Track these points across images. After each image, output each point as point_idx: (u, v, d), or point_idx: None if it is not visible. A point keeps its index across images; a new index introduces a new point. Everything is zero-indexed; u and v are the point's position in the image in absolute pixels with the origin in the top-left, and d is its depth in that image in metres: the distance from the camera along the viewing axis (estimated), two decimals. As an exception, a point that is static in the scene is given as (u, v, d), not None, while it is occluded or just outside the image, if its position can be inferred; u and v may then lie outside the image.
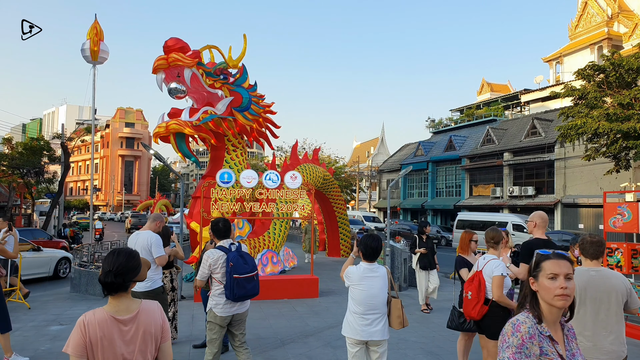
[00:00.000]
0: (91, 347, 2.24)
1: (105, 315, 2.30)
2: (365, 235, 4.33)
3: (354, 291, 4.19)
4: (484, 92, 58.24)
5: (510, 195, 33.83)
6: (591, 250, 3.75)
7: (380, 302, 4.16)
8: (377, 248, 4.20)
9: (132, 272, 2.39)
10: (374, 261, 4.24)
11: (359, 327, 4.11)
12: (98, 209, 72.18)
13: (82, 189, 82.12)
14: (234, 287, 4.47)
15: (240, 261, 4.58)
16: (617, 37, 39.16)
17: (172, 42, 10.36)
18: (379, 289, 4.16)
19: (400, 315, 4.22)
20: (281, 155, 48.14)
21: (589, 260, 3.78)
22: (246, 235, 11.91)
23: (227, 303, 4.58)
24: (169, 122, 10.49)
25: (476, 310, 4.50)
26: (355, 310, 4.16)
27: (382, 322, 4.17)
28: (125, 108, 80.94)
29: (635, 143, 18.35)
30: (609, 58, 20.08)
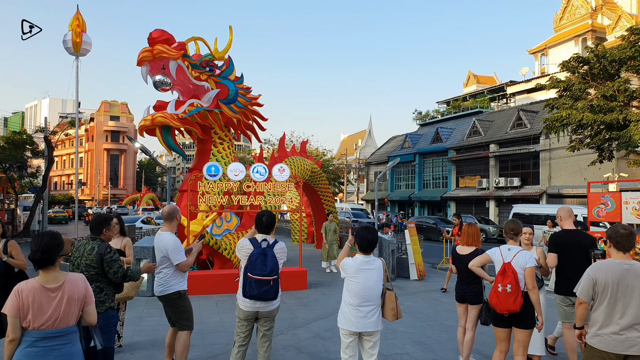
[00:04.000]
0: (24, 309, 2.96)
1: (36, 284, 3.04)
2: (361, 227, 4.31)
3: (350, 283, 4.18)
4: (470, 84, 58.55)
5: (496, 187, 34.14)
6: (626, 244, 3.69)
7: (375, 295, 4.18)
8: (373, 240, 4.21)
9: (56, 249, 3.12)
10: (369, 253, 4.24)
11: (354, 319, 4.14)
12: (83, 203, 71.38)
13: (67, 184, 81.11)
14: (246, 285, 4.37)
15: (260, 261, 4.35)
16: (601, 29, 39.55)
17: (156, 34, 10.20)
18: (375, 281, 4.17)
19: (395, 307, 4.25)
20: (268, 148, 48.03)
21: (621, 252, 3.71)
22: (234, 228, 11.87)
23: None
24: (154, 115, 10.38)
25: (518, 302, 4.47)
26: (350, 302, 4.17)
27: (377, 314, 4.20)
28: (110, 101, 79.87)
29: (618, 134, 18.59)
30: (593, 50, 20.27)
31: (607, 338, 3.57)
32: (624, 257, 3.68)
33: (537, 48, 46.47)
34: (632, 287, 3.56)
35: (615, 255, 3.72)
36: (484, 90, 52.62)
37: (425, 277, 12.68)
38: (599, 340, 3.62)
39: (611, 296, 3.58)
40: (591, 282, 3.66)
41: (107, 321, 4.35)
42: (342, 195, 54.17)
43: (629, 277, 3.57)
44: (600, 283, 3.62)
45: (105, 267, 4.27)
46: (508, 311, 4.50)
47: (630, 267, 3.60)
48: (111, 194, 74.83)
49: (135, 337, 6.75)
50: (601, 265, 3.71)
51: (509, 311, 4.49)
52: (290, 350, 6.27)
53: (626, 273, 3.58)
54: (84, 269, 4.28)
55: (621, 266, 3.62)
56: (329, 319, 7.97)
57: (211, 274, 10.19)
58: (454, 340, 6.66)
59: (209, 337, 6.80)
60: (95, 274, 4.28)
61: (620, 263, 3.64)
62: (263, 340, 4.62)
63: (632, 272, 3.58)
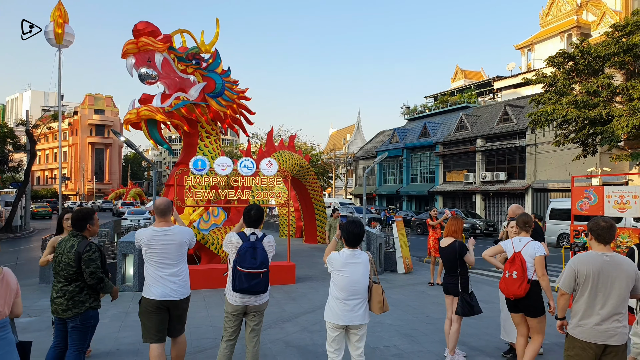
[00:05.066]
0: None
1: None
2: (348, 221, 4.29)
3: (337, 277, 4.18)
4: (457, 79, 58.78)
5: (483, 181, 34.39)
6: (607, 236, 3.76)
7: (362, 288, 4.19)
8: (360, 234, 4.20)
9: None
10: (356, 247, 4.24)
11: (340, 313, 4.14)
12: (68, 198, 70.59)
13: (51, 178, 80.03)
14: (235, 279, 4.32)
15: (249, 254, 4.31)
16: (586, 25, 39.91)
17: (142, 26, 10.06)
18: (361, 275, 4.18)
19: (381, 300, 4.27)
20: (256, 142, 47.87)
21: (602, 245, 3.78)
22: (221, 223, 11.83)
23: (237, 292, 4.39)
24: (140, 109, 10.26)
25: (522, 288, 4.77)
26: (337, 296, 4.17)
27: (363, 307, 4.20)
28: (94, 94, 78.81)
29: (602, 129, 18.85)
30: (578, 46, 20.49)
31: (588, 329, 3.65)
32: (605, 249, 3.76)
33: (524, 43, 46.76)
34: (612, 278, 3.63)
35: (596, 247, 3.80)
36: (471, 85, 52.87)
37: (413, 270, 12.76)
38: (580, 330, 3.70)
39: (592, 287, 3.66)
40: (573, 274, 3.74)
41: (84, 321, 4.26)
42: (331, 190, 54.23)
43: (609, 269, 3.65)
44: (582, 274, 3.69)
45: (83, 266, 4.15)
46: (514, 296, 4.82)
47: (611, 259, 3.69)
48: (96, 189, 74.13)
49: (121, 332, 6.71)
50: (582, 257, 3.78)
51: (515, 296, 4.81)
52: (278, 344, 6.27)
53: (606, 264, 3.66)
54: (63, 266, 4.19)
55: (602, 258, 3.70)
56: (317, 312, 7.99)
57: (198, 269, 10.15)
58: (440, 333, 6.71)
59: (196, 332, 6.78)
60: (74, 273, 4.18)
61: (601, 255, 3.72)
62: (252, 335, 4.60)
63: (612, 264, 3.67)
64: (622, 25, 19.26)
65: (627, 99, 18.57)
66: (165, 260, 4.46)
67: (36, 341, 6.22)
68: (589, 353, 3.66)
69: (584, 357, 3.68)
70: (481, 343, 6.45)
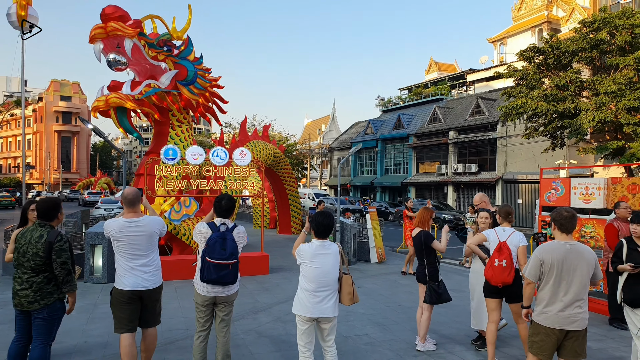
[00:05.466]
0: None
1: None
2: (317, 212, 4.29)
3: (306, 269, 4.16)
4: (431, 72, 59.25)
5: (455, 172, 34.88)
6: (569, 226, 3.90)
7: (332, 279, 4.16)
8: (329, 225, 4.18)
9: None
10: (325, 238, 4.21)
11: (309, 305, 4.11)
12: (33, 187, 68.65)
13: (14, 167, 77.58)
14: (204, 270, 4.26)
15: (218, 245, 4.25)
16: (556, 20, 40.62)
17: (110, 10, 9.75)
18: (331, 266, 4.15)
19: (351, 291, 4.25)
20: (229, 132, 47.40)
21: (564, 234, 3.92)
22: (193, 213, 11.68)
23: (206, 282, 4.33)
24: (109, 96, 9.99)
25: (511, 276, 4.99)
26: (306, 288, 4.14)
27: (333, 299, 4.18)
28: (60, 80, 76.26)
29: (569, 122, 19.31)
30: (548, 41, 20.87)
31: (552, 315, 3.81)
32: (567, 238, 3.91)
33: (496, 37, 47.36)
34: (574, 266, 3.80)
35: (559, 236, 3.95)
36: (444, 78, 53.39)
37: (385, 260, 12.88)
38: (544, 317, 3.86)
39: (556, 275, 3.81)
40: (538, 263, 3.88)
41: (51, 313, 4.16)
42: (305, 181, 54.20)
43: (572, 257, 3.81)
44: (547, 263, 3.84)
45: (53, 256, 4.04)
46: (502, 283, 4.99)
47: (573, 247, 3.85)
48: (63, 178, 72.23)
49: (90, 325, 6.58)
50: (547, 247, 3.92)
51: (503, 283, 4.99)
52: (251, 334, 6.25)
53: (569, 253, 3.82)
54: (30, 257, 4.05)
55: (565, 247, 3.85)
56: (290, 303, 7.91)
57: (170, 260, 10.02)
58: (412, 321, 6.79)
59: (168, 323, 6.69)
60: (42, 264, 4.06)
61: (563, 244, 3.87)
62: (222, 325, 4.56)
63: (575, 252, 3.83)
64: (590, 22, 19.69)
65: (593, 94, 19.06)
66: (135, 251, 4.37)
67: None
68: (552, 338, 3.83)
69: (548, 342, 3.85)
70: (451, 331, 6.55)
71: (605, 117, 17.58)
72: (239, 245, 4.45)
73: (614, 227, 6.92)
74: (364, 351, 5.68)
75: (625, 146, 18.79)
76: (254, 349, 5.71)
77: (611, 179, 7.91)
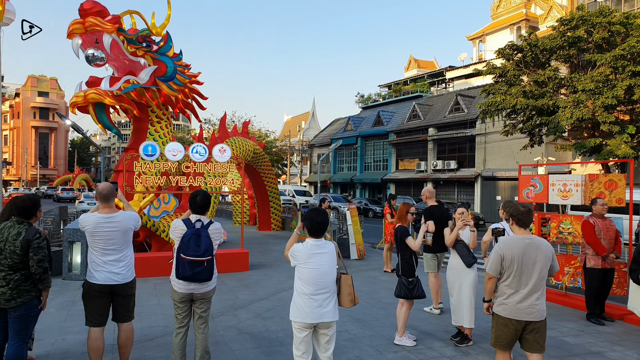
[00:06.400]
0: None
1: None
2: (311, 209, 4.04)
3: (302, 270, 3.89)
4: (411, 69, 59.63)
5: (434, 169, 35.19)
6: (526, 220, 4.03)
7: (330, 281, 3.92)
8: (324, 223, 3.95)
9: None
10: (320, 237, 3.97)
11: (308, 310, 3.83)
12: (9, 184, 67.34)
13: (-9, 163, 76.03)
14: (179, 266, 4.24)
15: (193, 242, 4.22)
16: (534, 18, 41.21)
17: (88, 5, 9.64)
18: (329, 266, 3.91)
19: (352, 292, 4.05)
20: (209, 128, 47.13)
21: (522, 229, 4.05)
22: (173, 210, 11.60)
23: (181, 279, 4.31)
24: (87, 92, 9.86)
25: None
26: (303, 292, 3.86)
27: (333, 302, 3.93)
28: (37, 76, 75.11)
29: (548, 119, 19.61)
30: (526, 39, 21.16)
31: (511, 306, 3.95)
32: (525, 233, 4.05)
33: (475, 35, 47.85)
34: (533, 259, 3.94)
35: (517, 231, 4.09)
36: (424, 75, 53.76)
37: (365, 256, 12.95)
38: (503, 308, 4.00)
39: (517, 269, 3.94)
40: (499, 259, 4.00)
41: (28, 310, 4.13)
42: (285, 177, 54.13)
43: (531, 251, 3.95)
44: (507, 258, 3.96)
45: (31, 253, 4.01)
46: None
47: (531, 241, 3.99)
48: (40, 174, 71.07)
49: (68, 322, 6.50)
50: (507, 242, 4.05)
51: None
52: (230, 331, 6.24)
53: (528, 247, 3.95)
54: (7, 255, 4.00)
55: (523, 241, 3.98)
56: (270, 299, 8.00)
57: (149, 257, 9.94)
58: (392, 317, 6.85)
59: (146, 320, 6.65)
60: (20, 262, 4.02)
61: (522, 238, 4.00)
62: (199, 322, 4.54)
63: (533, 246, 3.96)
64: (568, 20, 19.99)
65: (571, 91, 19.37)
66: (110, 246, 4.42)
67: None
68: (510, 329, 3.97)
69: (506, 332, 3.99)
70: (431, 327, 6.63)
71: (582, 115, 17.89)
72: (215, 242, 4.42)
73: (590, 223, 7.05)
74: (344, 347, 5.72)
75: (603, 143, 19.15)
76: (234, 345, 5.71)
77: (589, 175, 8.04)
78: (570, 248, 8.48)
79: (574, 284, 7.98)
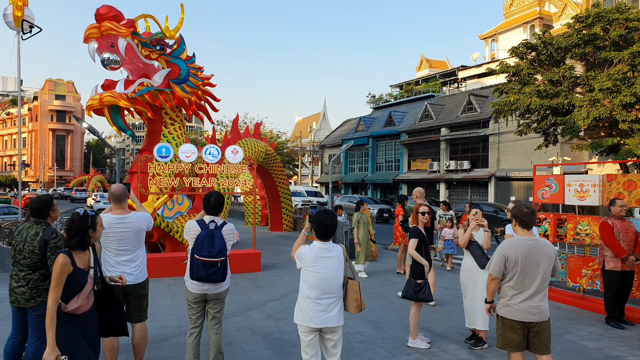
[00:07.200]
0: None
1: None
2: (319, 211, 3.92)
3: (307, 274, 3.79)
4: (422, 68, 59.33)
5: (447, 170, 34.97)
6: (530, 221, 4.01)
7: (336, 285, 3.82)
8: (332, 225, 3.83)
9: None
10: (328, 240, 3.86)
11: (312, 314, 3.75)
12: (27, 185, 68.34)
13: (9, 165, 77.31)
14: (193, 267, 4.27)
15: (207, 242, 4.24)
16: (548, 16, 40.81)
17: (104, 10, 9.78)
18: (335, 270, 3.81)
19: (358, 298, 3.94)
20: (221, 130, 47.30)
21: (525, 230, 4.03)
22: (186, 211, 11.68)
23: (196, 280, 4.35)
24: (102, 94, 9.99)
25: None
26: (308, 295, 3.78)
27: (338, 307, 3.84)
28: (54, 79, 76.12)
29: (563, 119, 19.34)
30: (541, 37, 20.91)
31: (515, 307, 3.94)
32: (528, 234, 4.03)
33: (488, 34, 47.50)
34: (537, 260, 3.92)
35: (520, 232, 4.06)
36: (436, 75, 53.46)
37: (377, 257, 12.91)
38: (508, 310, 3.98)
39: (521, 270, 3.92)
40: (502, 260, 3.98)
41: None
42: (297, 178, 54.18)
43: (535, 252, 3.93)
44: (511, 259, 3.94)
45: (48, 252, 4.08)
46: None
47: (535, 242, 3.97)
48: (57, 176, 72.00)
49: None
50: (510, 243, 4.02)
51: None
52: (243, 332, 6.27)
53: (532, 248, 3.93)
54: (27, 255, 4.09)
55: (527, 242, 3.96)
56: (283, 300, 8.01)
57: (162, 257, 10.02)
58: (405, 319, 6.82)
59: (160, 320, 6.70)
60: (39, 261, 4.10)
61: (526, 239, 3.98)
62: (213, 322, 4.58)
63: (536, 247, 3.95)
64: (584, 17, 19.71)
65: (587, 90, 19.08)
66: (123, 247, 4.50)
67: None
68: (517, 331, 3.95)
69: (514, 334, 3.97)
70: (445, 329, 6.59)
71: (600, 113, 17.58)
72: (228, 242, 4.45)
73: (608, 224, 6.89)
74: (356, 349, 5.72)
75: (621, 143, 18.83)
76: (246, 346, 5.73)
77: (607, 175, 7.88)
78: (587, 250, 8.30)
79: (592, 287, 7.81)
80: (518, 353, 4.02)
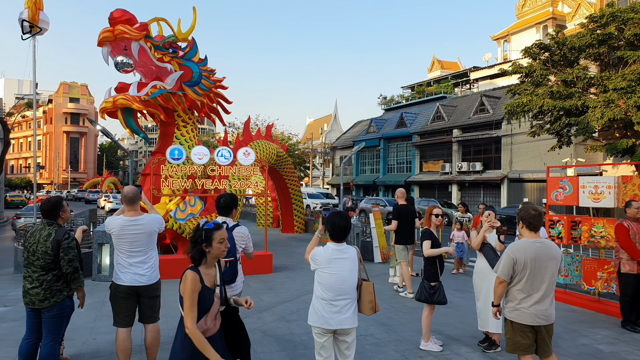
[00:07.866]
0: None
1: None
2: (332, 213, 3.90)
3: (322, 275, 3.78)
4: (434, 70, 59.09)
5: (459, 171, 34.77)
6: (537, 223, 3.98)
7: (350, 287, 3.80)
8: (346, 227, 3.80)
9: None
10: (342, 241, 3.85)
11: (327, 315, 3.74)
12: (42, 187, 69.17)
13: (25, 167, 78.43)
14: None
15: None
16: (562, 16, 40.44)
17: (118, 14, 9.88)
18: (349, 271, 3.78)
19: (372, 300, 3.92)
20: (233, 132, 47.54)
21: (533, 232, 4.00)
22: (198, 212, 11.72)
23: None
24: (116, 97, 10.09)
25: None
26: (322, 297, 3.77)
27: (352, 309, 3.82)
28: (69, 82, 77.19)
29: (577, 120, 19.11)
30: (554, 37, 20.70)
31: (525, 312, 3.90)
32: (536, 236, 4.00)
33: (500, 34, 47.18)
34: (545, 263, 3.89)
35: (527, 234, 4.03)
36: (447, 76, 53.22)
37: (389, 259, 12.85)
38: (517, 314, 3.94)
39: (530, 273, 3.89)
40: (511, 262, 3.94)
41: (61, 310, 4.25)
42: (308, 180, 54.21)
43: (542, 254, 3.90)
44: (520, 262, 3.91)
45: (61, 253, 4.13)
46: None
47: (542, 245, 3.94)
48: (71, 178, 72.86)
49: (97, 322, 6.63)
50: (518, 245, 3.99)
51: None
52: (255, 334, 6.28)
53: (539, 250, 3.91)
54: (40, 256, 4.14)
55: (535, 244, 3.93)
56: (294, 302, 8.02)
57: (175, 259, 10.08)
58: (417, 322, 6.79)
59: (173, 321, 6.71)
60: (52, 262, 4.15)
61: (533, 242, 3.95)
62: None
63: (544, 249, 3.92)
64: (598, 17, 19.48)
65: (601, 90, 18.84)
66: (135, 249, 4.55)
67: (11, 331, 6.15)
68: (527, 335, 3.92)
69: (525, 338, 3.93)
70: (457, 332, 6.55)
71: (614, 114, 17.35)
72: (238, 244, 4.45)
73: (624, 226, 6.82)
74: (369, 352, 5.70)
75: (636, 144, 18.58)
76: (258, 348, 5.74)
77: (622, 177, 7.79)
78: (602, 252, 8.19)
79: (607, 290, 7.71)
80: (528, 356, 3.99)
